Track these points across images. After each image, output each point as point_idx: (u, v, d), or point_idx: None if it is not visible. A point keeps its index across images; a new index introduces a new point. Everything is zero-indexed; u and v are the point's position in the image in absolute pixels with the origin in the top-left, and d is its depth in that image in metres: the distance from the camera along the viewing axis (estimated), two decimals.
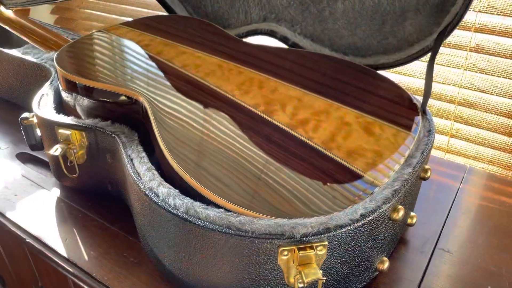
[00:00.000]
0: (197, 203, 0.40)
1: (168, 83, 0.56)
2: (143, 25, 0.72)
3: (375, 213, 0.39)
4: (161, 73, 0.58)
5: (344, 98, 0.54)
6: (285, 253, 0.37)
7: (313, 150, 0.46)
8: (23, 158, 0.69)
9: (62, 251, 0.51)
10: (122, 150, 0.48)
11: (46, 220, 0.56)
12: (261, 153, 0.45)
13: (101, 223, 0.55)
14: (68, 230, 0.54)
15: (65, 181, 0.60)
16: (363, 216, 0.39)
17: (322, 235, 0.37)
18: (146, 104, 0.51)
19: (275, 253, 0.37)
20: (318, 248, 0.37)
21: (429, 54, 0.58)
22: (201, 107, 0.52)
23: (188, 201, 0.40)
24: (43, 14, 1.43)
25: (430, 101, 0.80)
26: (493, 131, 0.77)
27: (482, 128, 0.78)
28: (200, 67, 0.59)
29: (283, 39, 0.74)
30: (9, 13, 0.82)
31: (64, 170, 0.55)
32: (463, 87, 0.77)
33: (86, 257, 0.50)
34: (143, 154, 0.47)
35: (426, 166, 0.49)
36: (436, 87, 0.80)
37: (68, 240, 0.53)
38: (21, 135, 0.62)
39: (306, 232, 0.36)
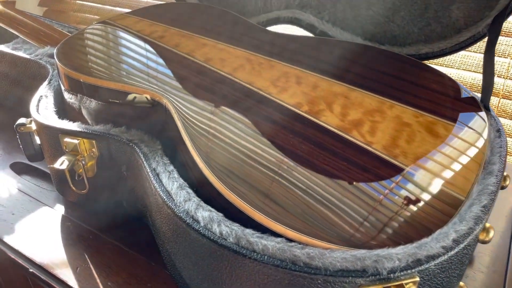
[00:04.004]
0: (249, 231, 0.32)
1: (192, 81, 0.47)
2: (153, 14, 0.63)
3: (469, 237, 0.32)
4: (181, 69, 0.50)
5: (396, 94, 0.46)
6: None
7: (375, 158, 0.38)
8: (18, 168, 0.60)
9: (73, 283, 0.43)
10: (144, 162, 0.40)
11: (51, 244, 0.47)
12: (315, 164, 0.37)
13: (118, 246, 0.47)
14: (79, 256, 0.46)
15: (70, 196, 0.52)
16: (455, 241, 0.31)
17: (413, 270, 0.29)
18: (170, 107, 0.43)
19: None
20: (407, 286, 0.29)
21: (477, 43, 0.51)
22: (235, 108, 0.43)
23: (237, 228, 0.32)
24: (30, 6, 1.32)
25: None
26: None
27: None
28: (225, 62, 0.51)
29: (310, 27, 0.66)
30: None
31: (72, 186, 0.46)
32: (509, 78, 0.70)
33: None
34: (171, 167, 0.39)
35: (505, 173, 0.41)
36: (476, 79, 0.73)
37: (80, 268, 0.44)
38: (15, 141, 0.53)
39: (394, 267, 0.29)
